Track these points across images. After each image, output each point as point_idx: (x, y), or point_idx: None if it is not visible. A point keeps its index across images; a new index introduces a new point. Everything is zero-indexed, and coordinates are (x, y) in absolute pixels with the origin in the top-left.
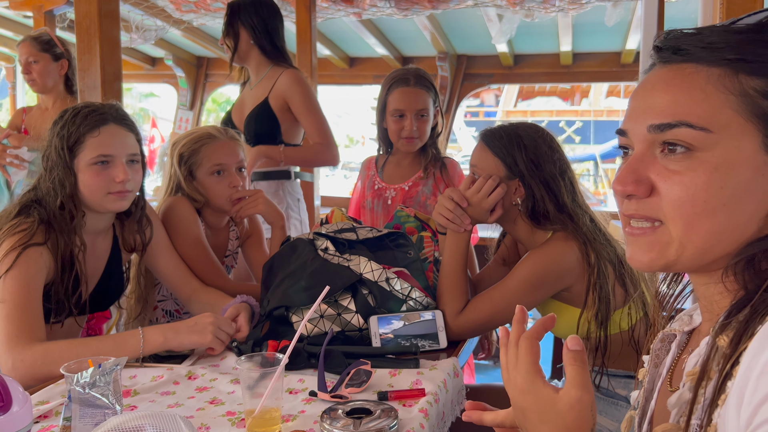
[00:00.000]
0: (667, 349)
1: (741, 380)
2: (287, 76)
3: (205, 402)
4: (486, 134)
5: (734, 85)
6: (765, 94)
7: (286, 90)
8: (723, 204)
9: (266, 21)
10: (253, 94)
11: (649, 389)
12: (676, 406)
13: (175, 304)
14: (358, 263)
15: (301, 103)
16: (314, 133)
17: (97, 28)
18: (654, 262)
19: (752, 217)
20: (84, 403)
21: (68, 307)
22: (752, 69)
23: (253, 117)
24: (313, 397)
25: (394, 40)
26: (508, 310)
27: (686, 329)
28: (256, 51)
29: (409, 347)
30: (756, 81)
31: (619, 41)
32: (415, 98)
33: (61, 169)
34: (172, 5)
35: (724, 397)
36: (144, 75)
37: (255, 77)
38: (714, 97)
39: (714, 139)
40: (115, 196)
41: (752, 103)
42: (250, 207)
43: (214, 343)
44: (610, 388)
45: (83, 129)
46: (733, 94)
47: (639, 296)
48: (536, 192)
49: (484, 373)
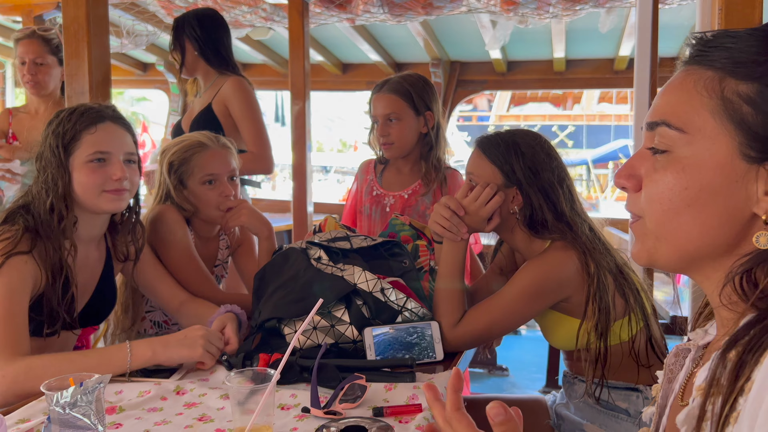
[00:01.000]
0: (681, 363)
1: (755, 398)
2: (230, 83)
3: (193, 419)
4: (482, 141)
5: (717, 88)
6: (749, 99)
7: (227, 96)
8: (687, 205)
9: (209, 33)
10: (200, 101)
11: (663, 405)
12: (686, 423)
13: (164, 315)
14: (352, 273)
15: (241, 109)
16: (250, 141)
17: (85, 33)
18: (639, 254)
19: (723, 222)
20: (64, 424)
21: (62, 316)
22: (741, 74)
23: (197, 121)
24: (305, 413)
25: (388, 46)
26: (505, 321)
27: (701, 343)
28: (202, 62)
29: (404, 360)
30: (743, 86)
31: (612, 48)
32: (382, 103)
33: (54, 168)
34: (164, 10)
35: (735, 415)
36: (135, 81)
37: (204, 86)
38: (695, 99)
39: (687, 140)
40: (111, 195)
41: (731, 108)
42: (234, 219)
43: (204, 357)
44: (610, 400)
45: (80, 126)
46: (713, 97)
47: (639, 306)
48: (534, 200)
49: (479, 381)
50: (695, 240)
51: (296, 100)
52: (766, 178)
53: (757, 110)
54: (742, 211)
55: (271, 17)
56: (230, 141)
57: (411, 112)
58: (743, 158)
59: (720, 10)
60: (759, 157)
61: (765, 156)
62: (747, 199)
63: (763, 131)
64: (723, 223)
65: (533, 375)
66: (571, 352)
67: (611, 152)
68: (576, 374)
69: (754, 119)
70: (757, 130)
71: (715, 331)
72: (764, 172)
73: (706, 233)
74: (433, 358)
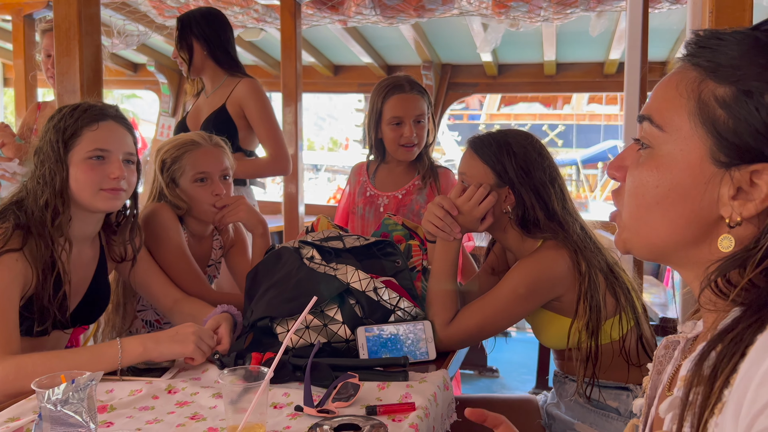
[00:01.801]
0: (671, 355)
1: (739, 389)
2: (245, 85)
3: (185, 417)
4: (474, 141)
5: (696, 89)
6: (724, 103)
7: (242, 98)
8: (656, 203)
9: (218, 32)
10: (210, 101)
11: (651, 396)
12: (669, 411)
13: (156, 314)
14: (345, 272)
15: (257, 111)
16: (267, 143)
17: (76, 31)
18: (617, 243)
19: (691, 222)
20: (55, 421)
21: (53, 314)
22: (720, 76)
23: (210, 122)
24: (299, 412)
25: (379, 48)
26: (498, 320)
27: (690, 335)
28: (211, 62)
29: (397, 359)
30: (720, 89)
31: (603, 51)
32: (413, 104)
33: (53, 163)
34: (155, 10)
35: (720, 406)
36: (126, 81)
37: (211, 86)
38: (677, 99)
39: (665, 139)
40: (107, 194)
41: (706, 111)
42: (232, 214)
43: (195, 353)
44: (601, 399)
45: (81, 122)
46: (691, 99)
47: (630, 305)
48: (526, 199)
49: (470, 383)
50: (663, 236)
51: (288, 102)
52: (732, 184)
53: (730, 115)
54: (711, 213)
55: (263, 18)
56: (224, 140)
57: (430, 114)
58: (713, 162)
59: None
60: (728, 162)
61: (733, 162)
62: (715, 202)
63: (733, 137)
64: (691, 223)
65: (523, 376)
66: (562, 351)
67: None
68: (567, 374)
69: (726, 124)
70: (727, 135)
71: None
72: (729, 178)
73: (673, 231)
74: (426, 358)
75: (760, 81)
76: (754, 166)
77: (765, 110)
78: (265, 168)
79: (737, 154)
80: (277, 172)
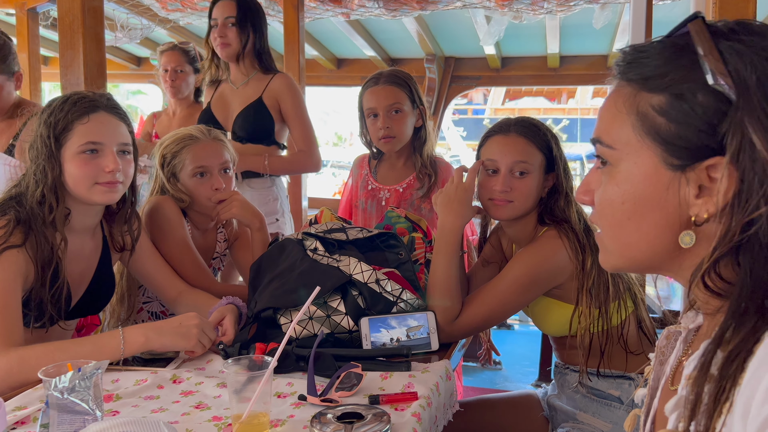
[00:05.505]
0: (673, 346)
1: (747, 388)
2: (281, 79)
3: (190, 407)
4: (524, 128)
5: (633, 103)
6: (662, 111)
7: (279, 92)
8: (628, 218)
9: (264, 29)
10: (242, 92)
11: (654, 387)
12: (675, 410)
13: (161, 305)
14: (348, 264)
15: (293, 107)
16: (300, 139)
17: (80, 24)
18: (603, 264)
19: (664, 230)
20: (62, 408)
21: (50, 310)
22: (651, 86)
23: (249, 114)
24: (302, 401)
25: (382, 41)
26: (501, 311)
27: (691, 326)
28: (251, 54)
29: (400, 350)
30: (655, 98)
31: (606, 44)
32: (384, 94)
33: (45, 159)
34: (158, 4)
35: (728, 405)
36: (129, 75)
37: (239, 78)
38: (618, 116)
39: (618, 156)
40: (103, 187)
41: (647, 121)
42: (225, 211)
43: (197, 347)
44: (602, 389)
45: (72, 116)
46: (631, 113)
47: (628, 292)
48: (564, 185)
49: (471, 375)
50: (644, 249)
51: None
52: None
53: (670, 120)
54: (681, 216)
55: (266, 11)
56: (224, 133)
57: (410, 104)
58: (668, 167)
59: (714, 4)
60: (682, 165)
61: (686, 163)
62: (681, 205)
63: (678, 140)
64: (665, 231)
65: (526, 369)
66: (563, 341)
67: None
68: (568, 364)
69: (669, 130)
70: (672, 140)
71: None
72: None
73: (651, 242)
74: (429, 348)
75: (689, 82)
76: (706, 162)
77: (701, 108)
78: (299, 164)
79: (687, 154)
80: (310, 169)
